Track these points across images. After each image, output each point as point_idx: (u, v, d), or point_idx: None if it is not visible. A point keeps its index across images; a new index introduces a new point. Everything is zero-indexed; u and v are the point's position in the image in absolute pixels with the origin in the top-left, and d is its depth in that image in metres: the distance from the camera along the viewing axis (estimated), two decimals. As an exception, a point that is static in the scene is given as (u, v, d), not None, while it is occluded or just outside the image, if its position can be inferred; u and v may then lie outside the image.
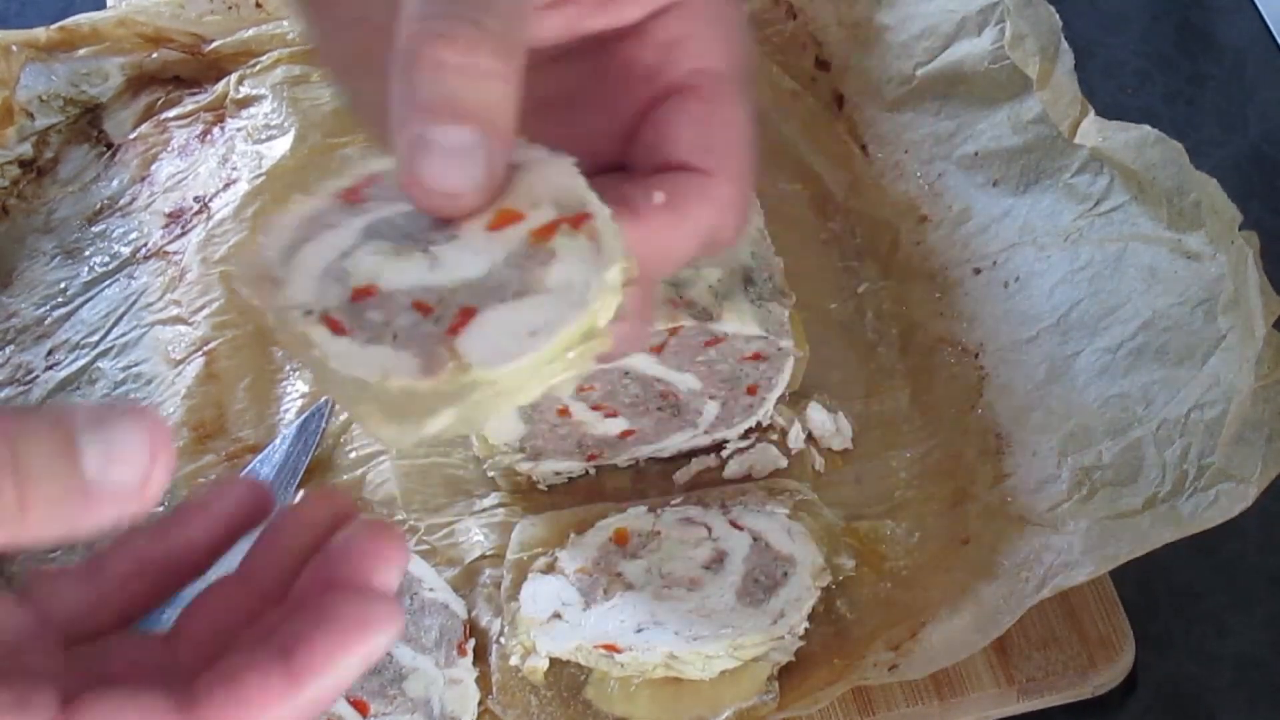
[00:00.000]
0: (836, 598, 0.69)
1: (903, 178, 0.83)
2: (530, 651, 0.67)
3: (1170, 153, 0.69)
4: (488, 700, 0.67)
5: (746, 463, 0.75)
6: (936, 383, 0.76)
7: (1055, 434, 0.70)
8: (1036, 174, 0.77)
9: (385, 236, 0.41)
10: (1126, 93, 0.92)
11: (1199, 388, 0.66)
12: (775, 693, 0.65)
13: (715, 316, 0.66)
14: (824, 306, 0.80)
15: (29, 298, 0.84)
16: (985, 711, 0.68)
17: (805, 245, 0.82)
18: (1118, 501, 0.66)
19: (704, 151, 0.43)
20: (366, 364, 0.38)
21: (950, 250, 0.79)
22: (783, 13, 0.91)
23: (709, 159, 0.43)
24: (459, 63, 0.38)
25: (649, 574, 0.68)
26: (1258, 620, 0.71)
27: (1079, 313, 0.73)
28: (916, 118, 0.83)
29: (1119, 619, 0.69)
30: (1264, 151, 0.89)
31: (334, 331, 0.39)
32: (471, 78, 0.38)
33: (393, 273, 0.40)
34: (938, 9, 0.83)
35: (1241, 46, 0.94)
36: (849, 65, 0.87)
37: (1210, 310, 0.67)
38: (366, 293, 0.40)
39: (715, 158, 0.43)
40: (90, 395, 0.79)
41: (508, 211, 0.40)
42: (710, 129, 0.44)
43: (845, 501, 0.73)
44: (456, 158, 0.38)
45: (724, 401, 0.72)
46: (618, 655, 0.65)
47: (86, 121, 0.91)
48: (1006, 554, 0.68)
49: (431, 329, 0.39)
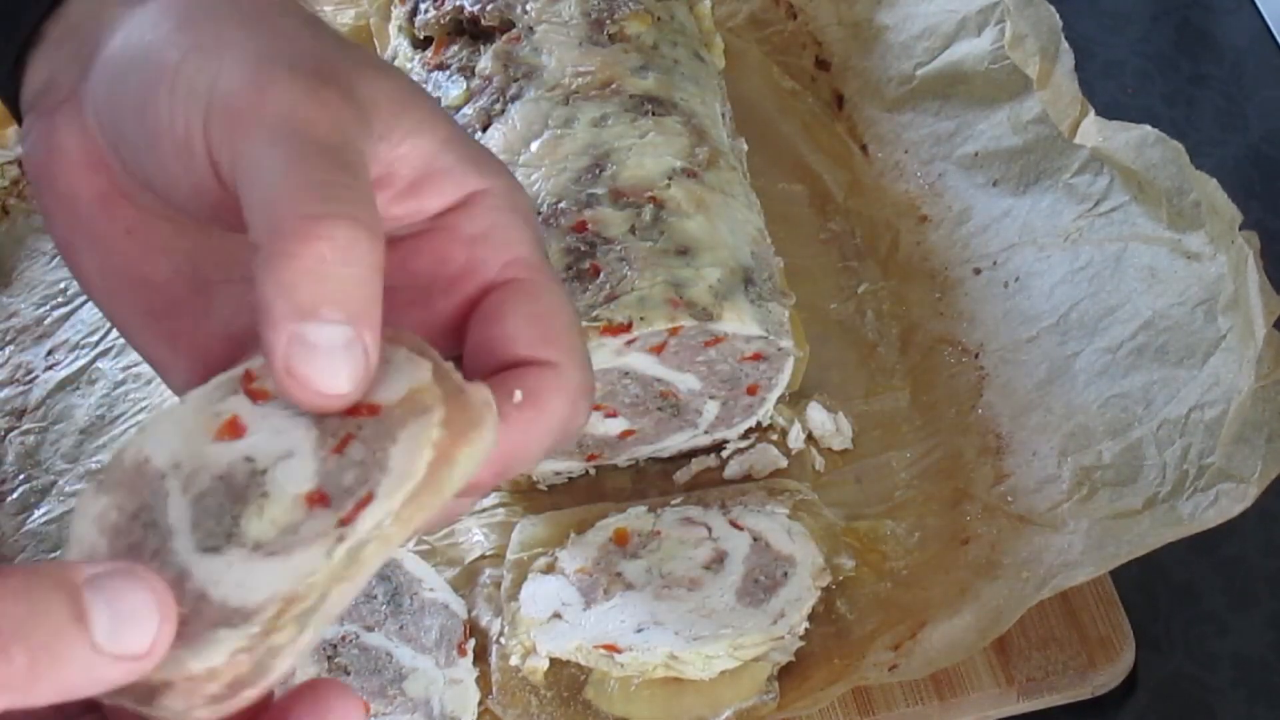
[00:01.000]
0: (836, 598, 0.69)
1: (903, 178, 0.83)
2: (530, 651, 0.67)
3: (1170, 153, 0.69)
4: (488, 700, 0.67)
5: (746, 463, 0.75)
6: (936, 383, 0.76)
7: (1055, 434, 0.70)
8: (1036, 174, 0.77)
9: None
10: (1126, 93, 0.92)
11: (1199, 388, 0.66)
12: (775, 693, 0.65)
13: (715, 316, 0.66)
14: (824, 306, 0.80)
15: (29, 297, 0.84)
16: (985, 711, 0.68)
17: (805, 245, 0.82)
18: (1118, 501, 0.66)
19: (544, 344, 0.43)
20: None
21: (950, 250, 0.79)
22: (783, 13, 0.91)
23: (551, 350, 0.43)
24: (336, 260, 0.37)
25: (649, 574, 0.68)
26: (1258, 620, 0.71)
27: (1079, 313, 0.73)
28: (916, 118, 0.83)
29: (1119, 619, 0.69)
30: (1264, 151, 0.89)
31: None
32: (349, 274, 0.37)
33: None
34: (938, 9, 0.83)
35: (1241, 46, 0.94)
36: (849, 65, 0.87)
37: (1210, 310, 0.67)
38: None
39: (556, 348, 0.44)
40: (90, 395, 0.79)
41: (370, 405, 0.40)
42: (543, 320, 0.44)
43: (845, 501, 0.73)
44: (337, 355, 0.38)
45: (724, 401, 0.72)
46: (618, 655, 0.65)
47: (86, 121, 0.91)
48: (1006, 554, 0.68)
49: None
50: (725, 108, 0.78)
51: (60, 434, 0.78)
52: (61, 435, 0.78)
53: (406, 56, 0.79)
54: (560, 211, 0.68)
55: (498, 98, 0.73)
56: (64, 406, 0.79)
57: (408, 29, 0.80)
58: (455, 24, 0.78)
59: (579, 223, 0.68)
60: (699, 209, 0.69)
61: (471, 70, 0.75)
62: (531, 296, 0.44)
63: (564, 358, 0.43)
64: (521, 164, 0.70)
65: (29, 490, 0.76)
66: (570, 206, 0.68)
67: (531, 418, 0.42)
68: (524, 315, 0.44)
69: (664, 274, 0.66)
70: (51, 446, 0.78)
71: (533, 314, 0.44)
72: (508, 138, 0.71)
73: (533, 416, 0.42)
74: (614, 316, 0.65)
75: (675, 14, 0.79)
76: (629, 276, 0.66)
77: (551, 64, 0.73)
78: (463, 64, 0.76)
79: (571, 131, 0.71)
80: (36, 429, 0.78)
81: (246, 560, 0.38)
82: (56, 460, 0.77)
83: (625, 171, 0.69)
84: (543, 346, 0.43)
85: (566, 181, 0.69)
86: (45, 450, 0.78)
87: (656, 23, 0.77)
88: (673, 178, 0.70)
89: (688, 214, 0.69)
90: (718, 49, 0.82)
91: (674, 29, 0.78)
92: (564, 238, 0.67)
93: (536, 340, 0.43)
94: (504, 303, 0.44)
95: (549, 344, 0.43)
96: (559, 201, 0.68)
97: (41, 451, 0.77)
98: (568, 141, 0.71)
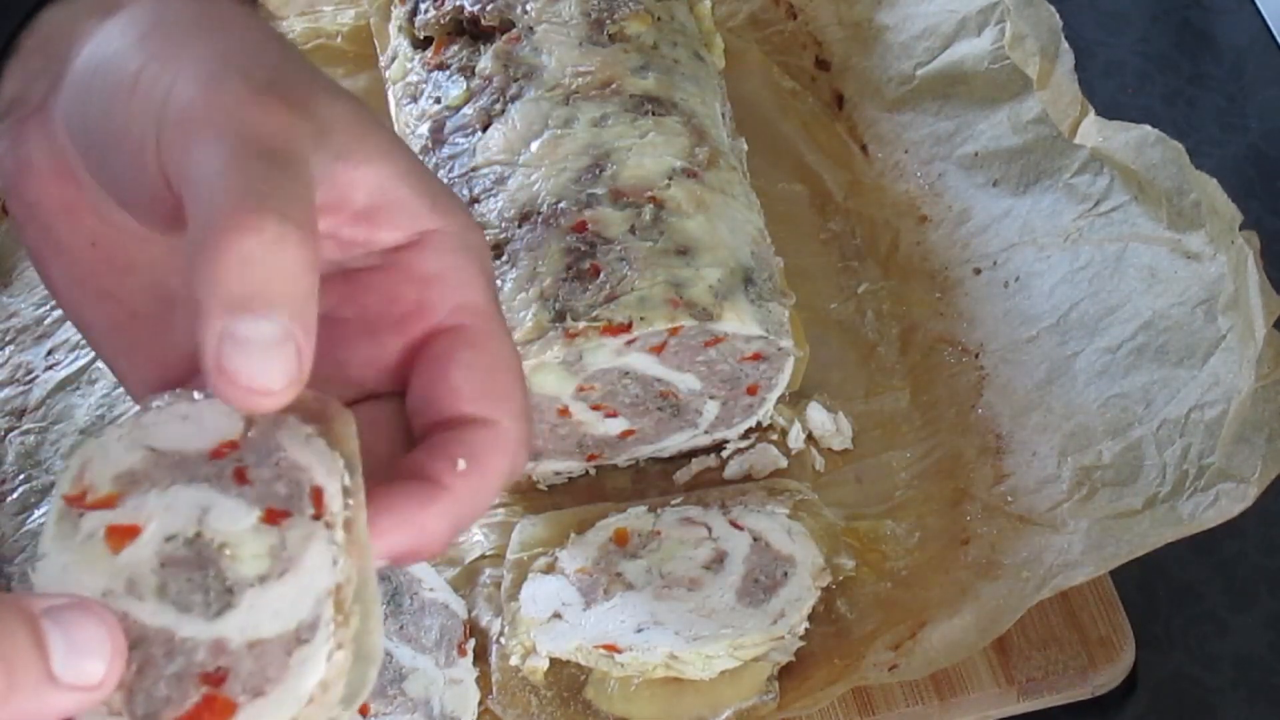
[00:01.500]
0: (836, 598, 0.69)
1: (903, 178, 0.83)
2: (530, 651, 0.67)
3: (1170, 153, 0.69)
4: (488, 700, 0.67)
5: (746, 463, 0.75)
6: (936, 383, 0.76)
7: (1055, 434, 0.70)
8: (1036, 174, 0.77)
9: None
10: (1126, 93, 0.92)
11: (1199, 388, 0.66)
12: (775, 693, 0.65)
13: (715, 316, 0.66)
14: (824, 306, 0.80)
15: (29, 297, 0.84)
16: (985, 711, 0.68)
17: (805, 245, 0.82)
18: (1118, 501, 0.66)
19: (486, 400, 0.44)
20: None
21: (950, 250, 0.79)
22: (783, 13, 0.91)
23: (492, 407, 0.44)
24: (265, 253, 0.37)
25: (649, 574, 0.68)
26: (1258, 620, 0.71)
27: (1079, 313, 0.73)
28: (916, 118, 0.83)
29: (1119, 619, 0.69)
30: (1264, 151, 0.89)
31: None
32: (279, 269, 0.37)
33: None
34: (938, 9, 0.83)
35: (1241, 46, 0.94)
36: (849, 65, 0.87)
37: (1210, 310, 0.67)
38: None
39: (497, 404, 0.44)
40: (90, 395, 0.79)
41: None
42: (486, 374, 0.44)
43: (845, 501, 0.73)
44: (269, 352, 0.37)
45: (724, 401, 0.72)
46: (618, 655, 0.65)
47: (86, 121, 0.91)
48: (1006, 554, 0.68)
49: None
50: (725, 108, 0.78)
51: (60, 434, 0.78)
52: (61, 435, 0.78)
53: (406, 56, 0.79)
54: (560, 211, 0.68)
55: (498, 98, 0.73)
56: (64, 406, 0.79)
57: (408, 29, 0.80)
58: (455, 24, 0.78)
59: (579, 223, 0.68)
60: (699, 209, 0.69)
61: (471, 70, 0.75)
62: (477, 347, 0.44)
63: (505, 414, 0.44)
64: (521, 164, 0.70)
65: (29, 490, 0.76)
66: (570, 206, 0.68)
67: (477, 483, 0.43)
68: (468, 367, 0.44)
69: (664, 274, 0.66)
70: (51, 446, 0.78)
71: (477, 365, 0.44)
72: (508, 138, 0.71)
73: (478, 481, 0.43)
74: (614, 316, 0.65)
75: (675, 14, 0.79)
76: (629, 276, 0.66)
77: (551, 64, 0.73)
78: (463, 64, 0.76)
79: (571, 131, 0.71)
80: (36, 429, 0.78)
81: (264, 593, 0.38)
82: (56, 460, 0.77)
83: (625, 171, 0.69)
84: (485, 402, 0.44)
85: (566, 181, 0.69)
86: (45, 450, 0.77)
87: (656, 23, 0.77)
88: (673, 178, 0.70)
89: (688, 214, 0.69)
90: (718, 49, 0.82)
91: (674, 29, 0.78)
92: (564, 238, 0.67)
93: (477, 395, 0.44)
94: (449, 351, 0.44)
95: (491, 399, 0.44)
96: (559, 201, 0.68)
97: (41, 451, 0.77)
98: (568, 141, 0.71)
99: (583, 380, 0.68)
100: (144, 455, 0.40)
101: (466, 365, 0.44)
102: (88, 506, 0.40)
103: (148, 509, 0.39)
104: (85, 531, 0.39)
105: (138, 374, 0.47)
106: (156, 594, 0.38)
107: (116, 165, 0.42)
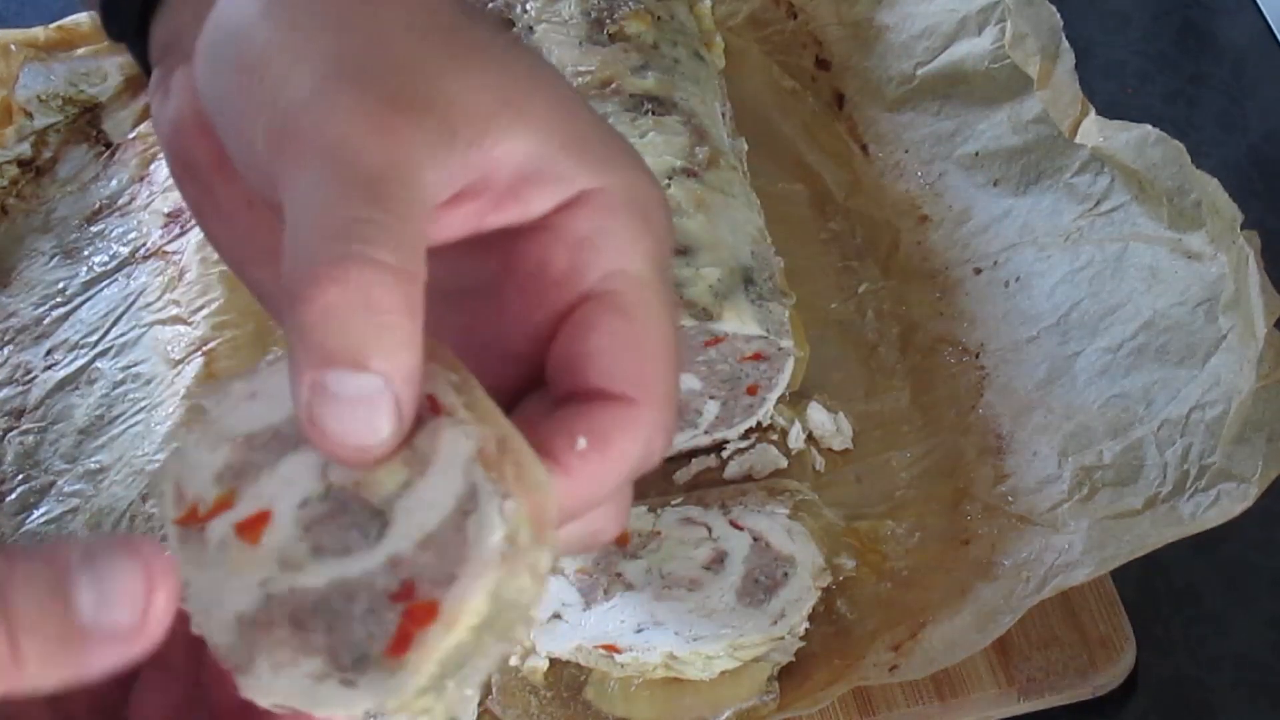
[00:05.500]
0: (836, 598, 0.69)
1: (903, 178, 0.83)
2: (530, 651, 0.67)
3: (1171, 152, 0.69)
4: (488, 700, 0.67)
5: (746, 463, 0.75)
6: (937, 383, 0.76)
7: (1056, 434, 0.70)
8: (1037, 174, 0.77)
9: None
10: (1126, 93, 0.92)
11: (1200, 388, 0.66)
12: (775, 693, 0.65)
13: (715, 316, 0.66)
14: (824, 306, 0.80)
15: (28, 297, 0.84)
16: (985, 712, 0.68)
17: (805, 245, 0.82)
18: (1118, 501, 0.66)
19: (622, 374, 0.39)
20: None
21: (950, 250, 0.79)
22: (783, 13, 0.91)
23: (632, 385, 0.39)
24: (350, 305, 0.34)
25: (649, 574, 0.68)
26: (1258, 620, 0.71)
27: (1079, 313, 0.72)
28: (916, 117, 0.83)
29: (1119, 619, 0.69)
30: (1264, 151, 0.89)
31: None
32: (369, 321, 0.34)
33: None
34: (938, 9, 0.83)
35: (1242, 46, 0.94)
36: (849, 65, 0.87)
37: (1211, 310, 0.67)
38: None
39: (638, 384, 0.39)
40: (89, 395, 0.79)
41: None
42: (631, 349, 0.40)
43: (845, 501, 0.73)
44: (361, 407, 0.35)
45: (724, 401, 0.72)
46: (618, 655, 0.65)
47: (85, 121, 0.91)
48: (1007, 554, 0.68)
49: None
50: (725, 107, 0.78)
51: (59, 434, 0.78)
52: (60, 435, 0.78)
53: (406, 56, 0.79)
54: (560, 211, 0.68)
55: (497, 97, 0.73)
56: (63, 407, 0.79)
57: (407, 28, 0.80)
58: (455, 23, 0.78)
59: (579, 222, 0.68)
60: (699, 209, 0.69)
61: (471, 70, 0.75)
62: (624, 315, 0.40)
63: (644, 393, 0.39)
64: (521, 163, 0.70)
65: (28, 490, 0.76)
66: (570, 206, 0.68)
67: (597, 466, 0.39)
68: (609, 335, 0.39)
69: (664, 274, 0.66)
70: (50, 447, 0.77)
71: (619, 335, 0.40)
72: (507, 137, 0.71)
73: (599, 464, 0.39)
74: (614, 316, 0.65)
75: (675, 13, 0.79)
76: (629, 276, 0.66)
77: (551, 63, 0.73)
78: (462, 63, 0.76)
79: (571, 131, 0.71)
80: (35, 429, 0.78)
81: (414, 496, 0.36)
82: (55, 460, 0.77)
83: (625, 171, 0.69)
84: (622, 380, 0.39)
85: (566, 181, 0.69)
86: (44, 450, 0.77)
87: (656, 22, 0.76)
88: (673, 177, 0.70)
89: (688, 214, 0.68)
90: (718, 49, 0.82)
91: (674, 28, 0.77)
92: (564, 237, 0.67)
93: (618, 371, 0.39)
94: (592, 317, 0.40)
95: (629, 375, 0.39)
96: (559, 201, 0.68)
97: (40, 451, 0.77)
98: (568, 141, 0.70)
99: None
100: (232, 447, 0.38)
101: (607, 333, 0.39)
102: (204, 519, 0.38)
103: (268, 492, 0.37)
104: (215, 543, 0.37)
105: None
106: (313, 556, 0.36)
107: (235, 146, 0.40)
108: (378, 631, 0.35)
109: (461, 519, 0.35)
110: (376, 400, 0.35)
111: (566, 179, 0.40)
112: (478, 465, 0.36)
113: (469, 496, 0.35)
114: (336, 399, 0.35)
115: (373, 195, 0.36)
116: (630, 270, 0.40)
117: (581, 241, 0.40)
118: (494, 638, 0.35)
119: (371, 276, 0.34)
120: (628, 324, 0.40)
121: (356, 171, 0.36)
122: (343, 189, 0.36)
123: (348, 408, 0.35)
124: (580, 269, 0.40)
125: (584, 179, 0.40)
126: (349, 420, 0.35)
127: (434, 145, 0.37)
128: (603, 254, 0.40)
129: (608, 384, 0.39)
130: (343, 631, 0.35)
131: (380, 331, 0.35)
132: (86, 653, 0.33)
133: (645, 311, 0.40)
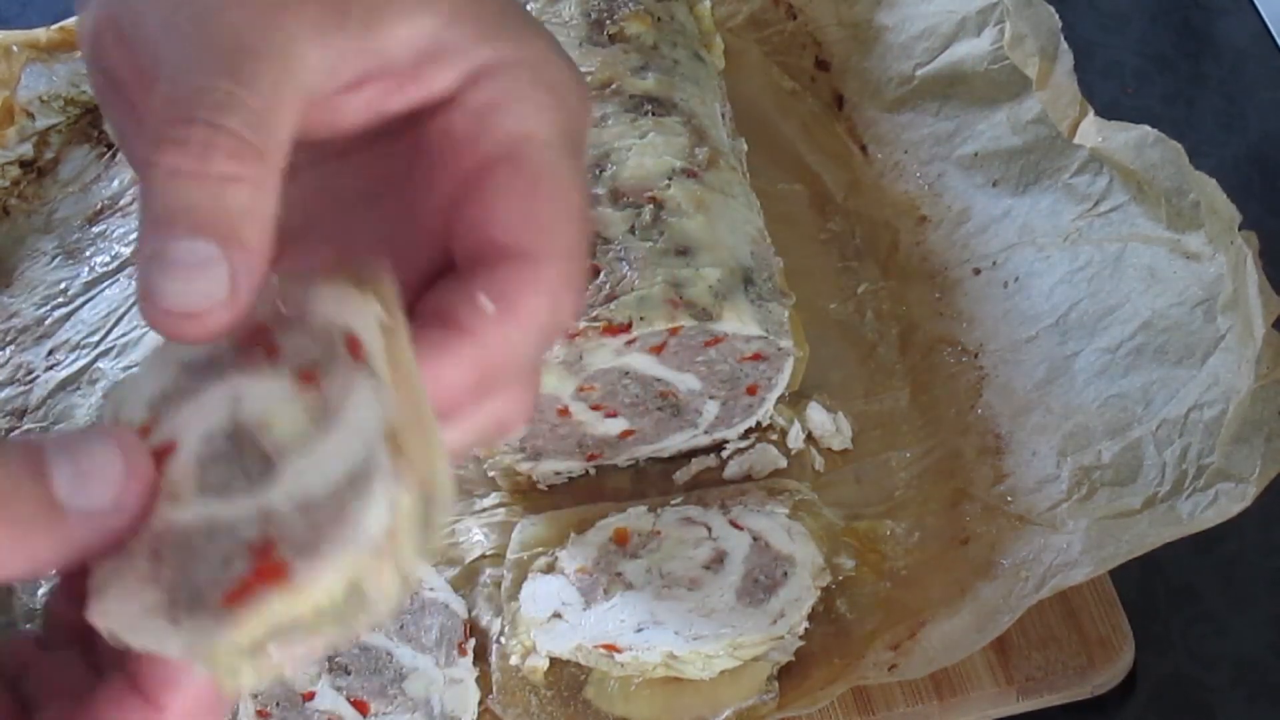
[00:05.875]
0: (836, 598, 0.69)
1: (903, 178, 0.83)
2: (530, 651, 0.67)
3: (1170, 153, 0.70)
4: (488, 700, 0.67)
5: (746, 463, 0.75)
6: (936, 383, 0.76)
7: (1055, 434, 0.70)
8: (1036, 174, 0.77)
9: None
10: (1126, 93, 0.92)
11: (1198, 388, 0.66)
12: (775, 692, 0.65)
13: (715, 316, 0.66)
14: (824, 306, 0.80)
15: (29, 298, 0.84)
16: (985, 711, 0.68)
17: (805, 245, 0.82)
18: (1117, 501, 0.66)
19: (528, 231, 0.38)
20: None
21: (950, 250, 0.79)
22: (783, 13, 0.91)
23: (534, 239, 0.38)
24: (192, 169, 0.34)
25: (649, 574, 0.68)
26: (1257, 620, 0.71)
27: (1078, 313, 0.73)
28: (916, 118, 0.83)
29: (1118, 619, 0.69)
30: (1264, 151, 0.89)
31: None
32: (207, 185, 0.34)
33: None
34: (937, 9, 0.83)
35: (1241, 46, 0.94)
36: (849, 65, 0.87)
37: (1209, 310, 0.67)
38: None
39: (541, 237, 0.38)
40: (90, 395, 0.79)
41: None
42: (534, 204, 0.39)
43: (845, 501, 0.73)
44: (194, 273, 0.34)
45: (724, 401, 0.72)
46: (618, 655, 0.65)
47: (87, 122, 0.91)
48: (1006, 554, 0.68)
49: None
50: (725, 108, 0.78)
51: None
52: (62, 435, 0.78)
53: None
54: (560, 212, 0.68)
55: (498, 98, 0.73)
56: (65, 407, 0.79)
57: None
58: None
59: (579, 223, 0.68)
60: (699, 209, 0.69)
61: (471, 71, 0.75)
62: (525, 174, 0.39)
63: (546, 246, 0.38)
64: (521, 164, 0.70)
65: (30, 490, 0.76)
66: (570, 207, 0.68)
67: (505, 328, 0.38)
68: (512, 196, 0.39)
69: (664, 274, 0.66)
70: (52, 446, 0.78)
71: (522, 196, 0.39)
72: (508, 138, 0.71)
73: (508, 326, 0.38)
74: (614, 316, 0.65)
75: (675, 14, 0.79)
76: (629, 276, 0.66)
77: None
78: (463, 64, 0.76)
79: (571, 132, 0.71)
80: (37, 429, 0.78)
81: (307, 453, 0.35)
82: (57, 460, 0.77)
83: (625, 171, 0.69)
84: (524, 234, 0.38)
85: (566, 182, 0.69)
86: (46, 450, 0.77)
87: (656, 23, 0.77)
88: (673, 178, 0.70)
89: (687, 214, 0.69)
90: (718, 49, 0.82)
91: (674, 29, 0.78)
92: (564, 238, 0.67)
93: (519, 226, 0.38)
94: (493, 178, 0.39)
95: (532, 232, 0.38)
96: (559, 202, 0.68)
97: (42, 451, 0.77)
98: (568, 142, 0.71)
99: (583, 380, 0.68)
100: (174, 373, 0.38)
101: (512, 193, 0.39)
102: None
103: (180, 421, 0.37)
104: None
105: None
106: (197, 493, 0.35)
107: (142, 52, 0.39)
108: (223, 579, 0.34)
109: (347, 493, 0.34)
110: (209, 266, 0.34)
111: (469, 54, 0.39)
112: (382, 441, 0.34)
113: (362, 473, 0.34)
114: (171, 264, 0.34)
115: (230, 67, 0.36)
116: (536, 136, 0.40)
117: (482, 107, 0.39)
118: (334, 625, 0.34)
119: (214, 141, 0.34)
120: (529, 182, 0.39)
121: (218, 43, 0.36)
122: (200, 60, 0.36)
123: (181, 271, 0.34)
124: (481, 133, 0.39)
125: (487, 53, 0.39)
126: (180, 284, 0.34)
127: (321, 25, 0.37)
128: (505, 118, 0.39)
129: (507, 238, 0.38)
130: (192, 571, 0.34)
131: (219, 199, 0.34)
132: (62, 532, 0.33)
133: (550, 171, 0.39)
